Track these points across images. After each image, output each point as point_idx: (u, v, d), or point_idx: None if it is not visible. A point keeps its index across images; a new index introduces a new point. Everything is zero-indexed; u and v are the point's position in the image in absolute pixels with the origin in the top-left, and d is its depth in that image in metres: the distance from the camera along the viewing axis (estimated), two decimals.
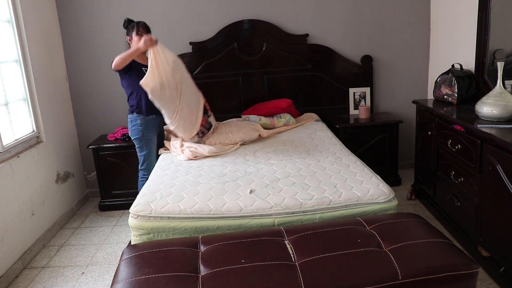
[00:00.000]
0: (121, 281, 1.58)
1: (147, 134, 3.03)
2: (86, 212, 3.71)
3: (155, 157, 3.10)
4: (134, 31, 2.90)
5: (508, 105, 2.39)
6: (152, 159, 3.07)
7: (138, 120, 2.99)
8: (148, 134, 3.03)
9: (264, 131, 3.29)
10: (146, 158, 3.07)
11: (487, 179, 2.30)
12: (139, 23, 2.94)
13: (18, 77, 3.11)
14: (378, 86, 3.99)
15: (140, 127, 3.00)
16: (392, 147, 3.69)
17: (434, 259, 1.60)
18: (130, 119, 3.03)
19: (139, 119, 2.98)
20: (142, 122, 2.99)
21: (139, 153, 3.10)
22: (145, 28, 2.94)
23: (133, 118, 3.01)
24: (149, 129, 3.03)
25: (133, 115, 3.01)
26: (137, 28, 2.91)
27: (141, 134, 3.02)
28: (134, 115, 3.00)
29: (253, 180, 2.37)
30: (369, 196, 2.10)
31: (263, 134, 3.25)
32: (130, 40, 2.94)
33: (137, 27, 2.91)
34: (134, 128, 3.02)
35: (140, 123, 2.99)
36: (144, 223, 2.05)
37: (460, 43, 3.33)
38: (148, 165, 3.06)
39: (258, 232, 1.87)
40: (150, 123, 3.03)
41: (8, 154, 2.84)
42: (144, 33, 2.91)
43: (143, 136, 3.02)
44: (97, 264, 2.82)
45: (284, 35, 3.78)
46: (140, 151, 3.09)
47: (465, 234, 2.65)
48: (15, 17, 3.04)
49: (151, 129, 3.05)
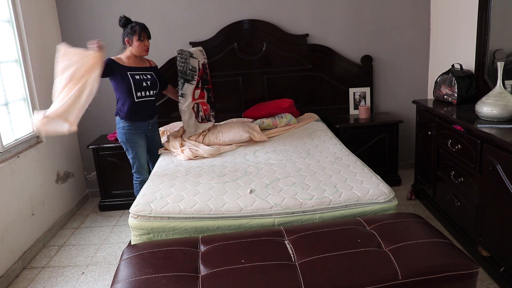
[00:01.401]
0: (121, 281, 1.58)
1: (131, 137, 2.92)
2: (86, 212, 3.71)
3: (145, 160, 3.03)
4: (136, 36, 2.79)
5: (508, 105, 2.39)
6: (142, 162, 3.00)
7: (121, 123, 2.89)
8: (132, 137, 2.92)
9: (257, 135, 3.13)
10: (134, 161, 3.00)
11: (487, 179, 2.30)
12: (142, 27, 2.81)
13: (18, 77, 3.11)
14: (378, 86, 3.99)
15: (123, 130, 2.90)
16: (392, 147, 3.69)
17: (434, 259, 1.60)
18: (116, 122, 2.94)
19: (122, 122, 2.89)
20: (125, 126, 2.89)
21: (128, 156, 3.03)
22: (146, 32, 2.84)
23: (117, 121, 2.92)
24: (133, 133, 2.91)
25: (117, 118, 2.92)
26: (139, 33, 2.79)
27: (125, 138, 2.92)
28: (118, 117, 2.91)
29: (253, 180, 2.37)
30: (369, 196, 2.10)
31: (255, 138, 3.11)
32: (130, 43, 2.83)
33: (140, 32, 2.79)
34: (118, 131, 2.94)
35: (123, 126, 2.89)
36: (144, 223, 2.05)
37: (460, 43, 3.33)
38: (138, 168, 3.00)
39: (258, 232, 1.87)
40: (134, 127, 2.90)
41: (8, 154, 2.84)
42: (147, 38, 2.83)
43: (127, 140, 2.92)
44: (97, 264, 2.82)
45: (284, 35, 3.78)
46: (127, 154, 3.02)
47: (465, 234, 2.65)
48: (15, 17, 3.04)
49: (136, 132, 2.93)
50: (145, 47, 2.84)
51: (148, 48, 2.87)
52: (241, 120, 3.64)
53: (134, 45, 2.83)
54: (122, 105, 2.86)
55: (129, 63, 2.86)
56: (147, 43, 2.85)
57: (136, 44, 2.82)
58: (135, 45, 2.82)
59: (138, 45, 2.82)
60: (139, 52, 2.84)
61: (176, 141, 3.08)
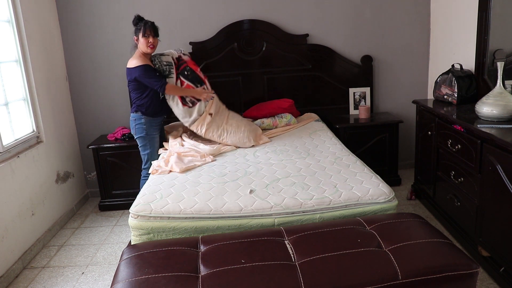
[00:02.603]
0: (121, 281, 1.58)
1: (151, 132, 3.05)
2: (86, 212, 3.71)
3: (157, 157, 3.09)
4: (141, 33, 2.88)
5: (508, 105, 2.39)
6: (155, 158, 3.06)
7: (142, 119, 3.00)
8: (152, 132, 3.05)
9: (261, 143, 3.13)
10: (149, 157, 3.07)
11: (487, 179, 2.30)
12: (147, 24, 2.90)
13: (18, 77, 3.11)
14: (378, 86, 3.99)
15: (144, 126, 3.01)
16: (392, 147, 3.69)
17: (434, 259, 1.60)
18: (134, 118, 3.03)
19: (144, 118, 3.00)
20: (146, 121, 3.01)
21: (142, 152, 3.11)
22: (152, 29, 2.91)
23: (136, 116, 3.01)
24: (153, 128, 3.05)
25: (137, 114, 3.01)
26: (143, 29, 2.88)
27: (145, 133, 3.03)
28: (139, 114, 3.00)
29: (253, 180, 2.37)
30: (369, 196, 2.10)
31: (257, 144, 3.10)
32: (137, 40, 2.93)
33: (144, 28, 2.88)
34: (138, 127, 3.03)
35: (144, 121, 3.01)
36: (144, 223, 2.05)
37: (460, 43, 3.33)
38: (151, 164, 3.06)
39: (258, 232, 1.87)
40: (154, 122, 3.05)
41: (8, 154, 2.84)
42: (151, 35, 2.89)
43: (147, 135, 3.04)
44: (97, 264, 2.82)
45: (284, 35, 3.78)
46: (143, 150, 3.09)
47: (465, 234, 2.65)
48: (15, 17, 3.03)
49: (155, 127, 3.07)
50: (149, 43, 2.90)
51: (152, 45, 2.93)
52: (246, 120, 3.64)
53: (140, 42, 2.92)
54: (147, 102, 2.98)
55: (145, 61, 2.94)
56: (151, 39, 2.91)
57: (141, 40, 2.91)
58: (140, 42, 2.91)
59: (143, 41, 2.90)
60: (144, 48, 2.92)
61: (175, 142, 3.08)
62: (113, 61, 3.75)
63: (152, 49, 2.94)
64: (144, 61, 2.92)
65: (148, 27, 2.89)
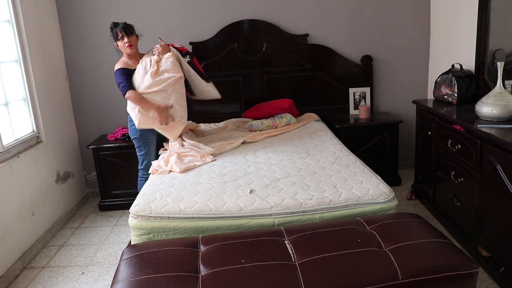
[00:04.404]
0: (121, 281, 1.58)
1: (145, 133, 3.03)
2: (86, 212, 3.71)
3: (154, 157, 3.10)
4: (115, 38, 2.92)
5: (508, 105, 2.39)
6: (151, 159, 3.06)
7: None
8: (146, 134, 3.03)
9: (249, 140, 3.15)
10: (144, 158, 3.08)
11: (487, 179, 2.30)
12: (117, 26, 2.89)
13: (18, 77, 3.11)
14: (378, 86, 3.99)
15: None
16: (392, 147, 3.69)
17: (434, 259, 1.60)
18: (129, 119, 3.03)
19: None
20: None
21: (138, 153, 3.12)
22: (123, 29, 2.89)
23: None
24: (147, 129, 3.00)
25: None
26: (115, 34, 2.90)
27: (139, 134, 3.02)
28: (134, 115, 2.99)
29: (253, 180, 2.37)
30: (369, 196, 2.10)
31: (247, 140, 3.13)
32: (118, 46, 2.96)
33: (115, 32, 2.89)
34: (132, 128, 3.03)
35: None
36: (144, 223, 2.05)
37: (460, 43, 3.33)
38: (147, 164, 3.06)
39: (258, 232, 1.87)
40: None
41: (8, 154, 2.84)
42: (125, 35, 2.88)
43: (141, 136, 3.03)
44: (97, 264, 2.82)
45: (284, 35, 3.78)
46: (139, 150, 3.10)
47: (465, 234, 2.65)
48: (15, 17, 3.03)
49: (150, 129, 3.01)
50: (126, 43, 2.89)
51: (130, 44, 2.91)
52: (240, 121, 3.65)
53: (119, 46, 2.94)
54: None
55: (123, 64, 2.93)
56: (126, 39, 2.90)
57: (119, 44, 2.93)
58: (119, 46, 2.94)
59: (120, 44, 2.92)
60: (124, 50, 2.94)
61: (175, 142, 3.07)
62: (113, 61, 3.73)
63: (131, 47, 2.91)
64: (122, 65, 2.93)
65: (119, 29, 2.88)
